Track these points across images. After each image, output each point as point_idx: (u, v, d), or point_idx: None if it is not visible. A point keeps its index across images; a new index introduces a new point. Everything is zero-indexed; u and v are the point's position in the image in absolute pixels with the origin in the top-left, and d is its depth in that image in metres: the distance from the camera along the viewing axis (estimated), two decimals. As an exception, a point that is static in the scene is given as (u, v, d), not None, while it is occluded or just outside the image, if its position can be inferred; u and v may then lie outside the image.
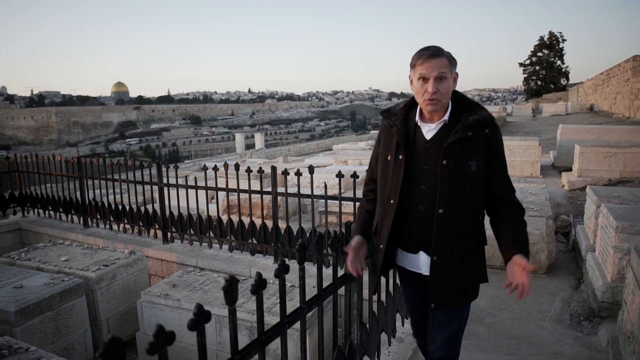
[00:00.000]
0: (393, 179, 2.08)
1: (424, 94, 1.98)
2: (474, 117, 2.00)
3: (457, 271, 2.04)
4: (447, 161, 1.97)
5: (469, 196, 2.01)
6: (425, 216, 2.04)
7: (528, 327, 3.66)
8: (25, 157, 7.64)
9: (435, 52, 1.97)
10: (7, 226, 7.46)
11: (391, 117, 2.15)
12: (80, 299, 4.17)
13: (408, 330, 3.52)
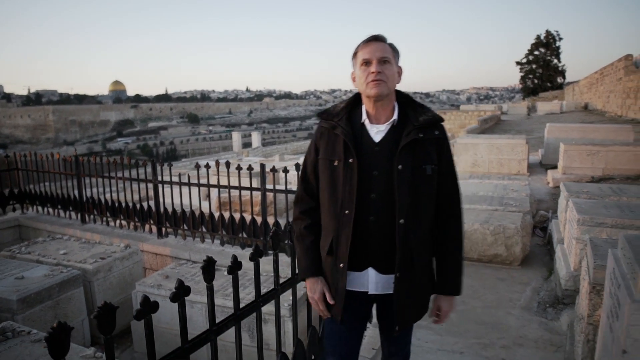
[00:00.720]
0: (345, 186, 1.87)
1: (367, 77, 1.85)
2: (424, 117, 1.91)
3: (418, 286, 1.93)
4: (402, 166, 1.84)
5: (427, 203, 1.91)
6: (376, 228, 1.88)
7: (497, 314, 3.92)
8: (24, 155, 7.88)
9: (376, 37, 1.90)
10: (6, 222, 7.70)
11: (333, 118, 1.97)
12: (78, 290, 4.41)
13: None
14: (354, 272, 1.94)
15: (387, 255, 1.89)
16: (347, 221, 1.88)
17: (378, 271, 1.92)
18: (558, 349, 3.34)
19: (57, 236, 5.94)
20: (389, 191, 1.86)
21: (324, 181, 1.96)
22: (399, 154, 1.85)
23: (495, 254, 5.03)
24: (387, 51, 1.88)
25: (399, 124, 1.91)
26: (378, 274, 1.93)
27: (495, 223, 5.04)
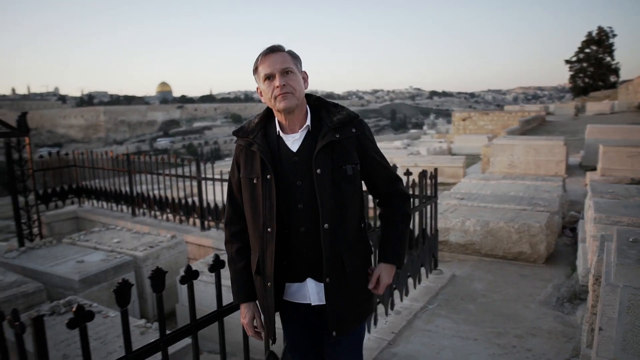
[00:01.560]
0: (265, 203, 1.84)
1: (273, 91, 1.80)
2: (338, 117, 1.86)
3: (352, 289, 1.90)
4: (320, 170, 1.80)
5: (351, 204, 1.88)
6: (309, 237, 1.85)
7: (515, 307, 4.10)
8: (81, 153, 8.58)
9: (273, 48, 1.84)
10: (66, 214, 8.43)
11: (248, 135, 1.91)
12: (130, 274, 4.90)
13: (407, 305, 4.06)
14: (294, 284, 1.94)
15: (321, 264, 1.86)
16: (270, 238, 1.85)
17: (317, 280, 1.90)
18: (570, 340, 3.51)
19: (111, 227, 6.51)
20: (314, 199, 1.82)
21: (246, 199, 1.92)
22: (316, 158, 1.81)
23: (519, 252, 5.18)
24: (287, 61, 1.82)
25: (314, 128, 1.87)
26: (317, 284, 1.90)
27: (520, 221, 5.19)
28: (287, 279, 1.94)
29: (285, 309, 2.02)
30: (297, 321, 2.03)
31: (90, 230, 6.26)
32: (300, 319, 2.02)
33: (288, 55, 1.84)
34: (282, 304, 1.97)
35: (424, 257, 4.49)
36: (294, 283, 1.94)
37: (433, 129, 46.41)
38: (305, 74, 1.91)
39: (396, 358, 3.28)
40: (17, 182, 7.37)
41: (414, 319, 3.84)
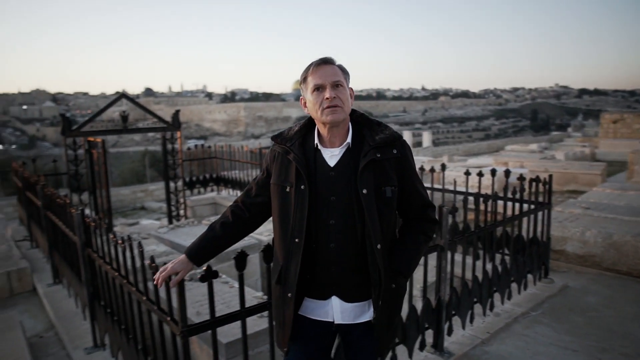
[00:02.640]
0: (296, 213, 1.80)
1: (321, 103, 1.77)
2: (380, 136, 1.82)
3: (395, 310, 1.91)
4: (367, 190, 1.76)
5: (390, 224, 1.85)
6: (338, 255, 1.81)
7: (630, 326, 3.88)
8: (221, 147, 9.66)
9: (326, 60, 1.81)
10: (205, 200, 9.56)
11: (286, 143, 1.88)
12: (255, 255, 5.53)
13: (508, 308, 4.08)
14: (316, 301, 1.89)
15: (352, 283, 1.85)
16: (297, 249, 1.81)
17: (343, 300, 1.86)
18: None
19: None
20: (350, 216, 1.79)
21: (275, 207, 1.90)
22: (361, 177, 1.77)
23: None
24: (338, 74, 1.80)
25: (355, 146, 1.84)
26: (343, 303, 1.86)
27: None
28: (308, 294, 1.89)
29: (301, 325, 1.92)
30: (312, 338, 1.94)
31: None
32: (315, 336, 1.93)
33: (339, 69, 1.82)
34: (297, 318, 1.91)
35: (531, 264, 4.44)
36: (316, 300, 1.89)
37: (579, 131, 42.45)
38: (352, 90, 1.87)
39: (487, 356, 3.39)
40: (169, 170, 8.58)
41: (513, 322, 3.87)
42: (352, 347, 1.95)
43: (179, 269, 1.99)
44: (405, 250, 1.89)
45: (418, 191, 1.92)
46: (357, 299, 1.86)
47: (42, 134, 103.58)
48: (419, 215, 1.95)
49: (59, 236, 4.66)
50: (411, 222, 1.96)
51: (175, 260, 2.01)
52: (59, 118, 8.13)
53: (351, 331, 1.91)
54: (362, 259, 1.82)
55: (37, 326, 4.57)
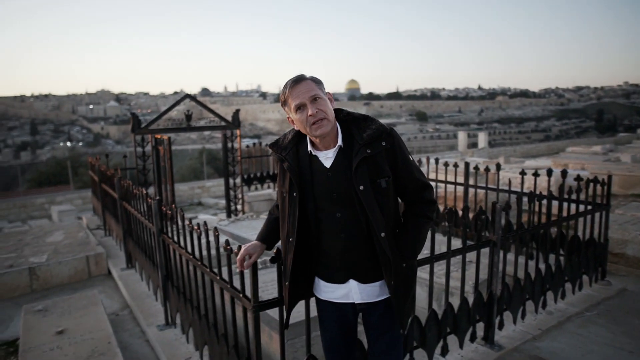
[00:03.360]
0: (290, 216, 2.03)
1: (307, 120, 1.92)
2: (368, 132, 1.95)
3: (406, 287, 2.07)
4: (363, 186, 1.92)
5: (390, 212, 2.02)
6: (350, 244, 2.01)
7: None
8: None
9: (298, 78, 1.96)
10: (263, 196, 9.93)
11: (281, 152, 2.06)
12: (310, 249, 5.78)
13: (561, 307, 4.11)
14: (336, 285, 2.10)
15: (367, 267, 2.04)
16: (291, 247, 2.04)
17: (360, 282, 2.06)
18: None
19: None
20: (353, 209, 1.97)
21: (280, 207, 2.15)
22: (355, 175, 1.92)
23: None
24: (313, 88, 1.93)
25: (346, 145, 1.98)
26: (360, 285, 2.06)
27: None
28: (324, 279, 2.12)
29: (325, 308, 2.17)
30: (337, 319, 2.15)
31: (281, 210, 7.43)
32: (339, 317, 2.15)
33: (312, 83, 1.95)
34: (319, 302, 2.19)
35: (587, 265, 4.42)
36: (334, 284, 2.10)
37: (652, 132, 40.06)
38: (330, 95, 2.01)
39: (538, 351, 3.45)
40: (228, 167, 8.99)
41: (566, 321, 3.90)
42: (373, 327, 2.16)
43: (252, 252, 2.22)
44: (407, 234, 2.06)
45: (412, 175, 2.05)
46: (372, 280, 2.07)
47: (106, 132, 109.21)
48: (416, 198, 2.09)
49: (133, 224, 5.08)
50: (410, 205, 2.12)
51: (247, 244, 2.25)
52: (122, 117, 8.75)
53: (372, 311, 2.12)
54: (372, 245, 2.01)
55: (114, 305, 5.01)
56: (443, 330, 3.19)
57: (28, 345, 3.62)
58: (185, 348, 3.63)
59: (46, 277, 5.64)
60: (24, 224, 15.50)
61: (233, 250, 2.52)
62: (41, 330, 3.87)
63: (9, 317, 4.92)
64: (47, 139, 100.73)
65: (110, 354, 3.45)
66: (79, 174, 25.63)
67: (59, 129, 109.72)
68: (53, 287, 5.67)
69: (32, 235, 7.17)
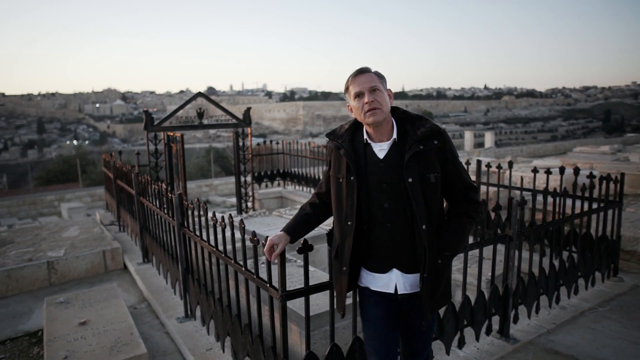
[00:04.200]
0: (348, 200, 2.11)
1: (362, 107, 2.05)
2: (422, 130, 2.06)
3: (441, 279, 2.13)
4: (412, 178, 2.01)
5: (436, 207, 2.08)
6: (395, 234, 2.08)
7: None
8: (289, 143, 10.06)
9: (362, 70, 2.10)
10: (273, 194, 9.99)
11: (337, 139, 2.18)
12: (323, 244, 5.84)
13: (574, 303, 4.16)
14: (377, 274, 2.17)
15: (409, 257, 2.10)
16: (349, 231, 2.11)
17: (402, 271, 2.13)
18: None
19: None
20: (400, 200, 2.05)
21: (333, 195, 2.21)
22: (406, 168, 2.02)
23: None
24: (374, 80, 2.06)
25: (400, 140, 2.09)
26: (403, 274, 2.13)
27: None
28: (368, 267, 2.18)
29: (367, 298, 2.23)
30: (378, 307, 2.20)
31: (293, 207, 7.49)
32: (381, 305, 2.19)
33: (375, 76, 2.09)
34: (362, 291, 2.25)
35: (599, 262, 4.47)
36: (377, 273, 2.16)
37: (657, 133, 39.86)
38: (390, 92, 2.13)
39: (553, 344, 3.51)
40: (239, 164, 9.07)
41: (579, 316, 3.96)
42: (410, 316, 2.22)
43: (278, 242, 2.29)
44: (449, 231, 2.12)
45: (459, 175, 2.14)
46: (414, 271, 2.13)
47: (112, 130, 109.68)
48: (461, 197, 2.16)
49: (151, 219, 5.17)
50: (455, 204, 2.17)
51: (273, 235, 2.31)
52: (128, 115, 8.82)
53: (411, 301, 2.18)
54: (414, 237, 2.08)
55: (131, 299, 5.10)
56: (460, 323, 3.25)
57: (53, 336, 3.71)
58: (205, 339, 3.71)
59: (64, 271, 5.74)
60: (34, 220, 15.68)
61: (260, 242, 2.59)
62: (64, 321, 3.96)
63: (30, 309, 5.03)
64: (54, 137, 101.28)
65: (133, 344, 3.53)
66: (87, 172, 25.86)
67: (65, 127, 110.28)
68: (70, 280, 5.77)
69: (48, 230, 7.28)
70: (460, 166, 2.14)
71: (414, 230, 2.07)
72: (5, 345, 4.28)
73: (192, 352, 3.52)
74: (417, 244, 2.06)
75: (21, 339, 4.39)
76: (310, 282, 2.55)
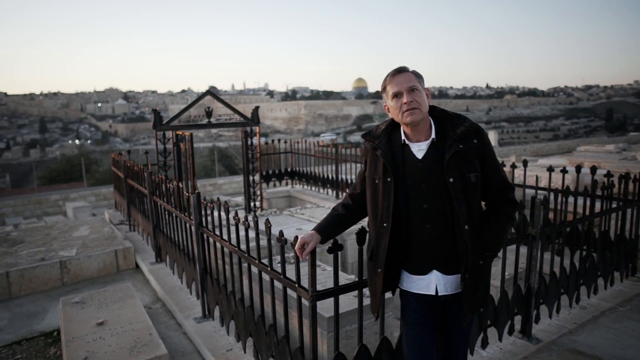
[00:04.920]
0: (384, 201, 2.08)
1: (401, 107, 2.02)
2: (461, 128, 2.03)
3: (482, 279, 2.10)
4: (453, 178, 1.98)
5: (476, 207, 2.06)
6: (435, 234, 2.05)
7: None
8: (297, 142, 10.04)
9: (400, 69, 2.06)
10: (280, 193, 9.97)
11: (374, 140, 2.14)
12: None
13: (594, 302, 4.13)
14: (417, 276, 2.13)
15: (449, 258, 2.07)
16: (385, 232, 2.07)
17: (442, 273, 2.10)
18: None
19: (321, 204, 7.63)
20: (440, 201, 2.02)
21: (368, 196, 2.18)
22: (447, 167, 1.99)
23: None
24: (412, 80, 2.03)
25: (439, 139, 2.06)
26: (444, 276, 2.10)
27: None
28: (408, 270, 2.15)
29: (407, 302, 2.19)
30: (417, 310, 2.16)
31: (304, 206, 7.47)
32: (420, 308, 2.16)
33: (413, 75, 2.05)
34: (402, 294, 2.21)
35: (618, 260, 4.44)
36: (417, 275, 2.13)
37: (660, 132, 39.74)
38: (428, 91, 2.10)
39: (576, 344, 3.48)
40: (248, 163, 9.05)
41: (600, 316, 3.92)
42: (450, 317, 2.19)
43: (309, 240, 2.24)
44: (490, 231, 2.09)
45: (498, 174, 2.11)
46: (454, 272, 2.10)
47: (114, 130, 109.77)
48: (500, 197, 2.12)
49: (165, 219, 5.14)
50: (494, 204, 2.14)
51: (304, 234, 2.28)
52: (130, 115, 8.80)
53: (452, 302, 2.14)
54: (455, 238, 2.05)
55: (145, 299, 5.08)
56: (484, 323, 3.23)
57: (71, 336, 3.70)
58: (225, 340, 3.68)
59: (76, 271, 5.72)
60: (39, 220, 15.67)
61: (288, 241, 2.57)
62: (81, 322, 3.94)
63: (43, 309, 5.01)
64: (56, 137, 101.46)
65: (152, 344, 3.51)
66: (91, 171, 25.87)
67: (67, 126, 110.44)
68: (83, 280, 5.76)
69: (57, 229, 7.26)
70: (498, 166, 2.12)
71: (454, 231, 2.04)
72: (22, 346, 4.27)
73: (213, 353, 3.49)
74: (459, 244, 2.04)
75: (37, 339, 4.38)
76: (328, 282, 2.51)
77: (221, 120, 9.19)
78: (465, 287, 2.06)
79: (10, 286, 5.33)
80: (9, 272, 5.32)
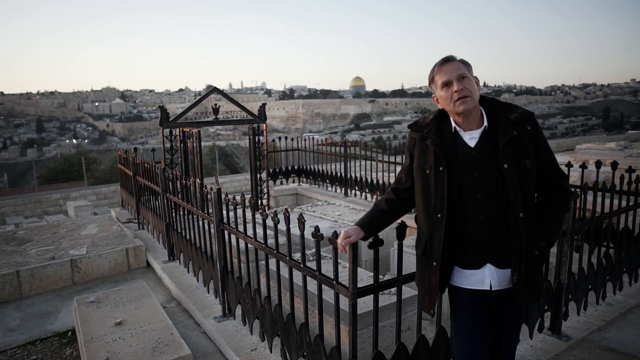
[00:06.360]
0: (437, 192, 2.00)
1: (452, 96, 1.97)
2: (514, 115, 1.98)
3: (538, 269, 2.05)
4: (507, 165, 1.92)
5: (531, 194, 2.00)
6: (489, 226, 1.98)
7: None
8: (304, 139, 9.96)
9: (448, 58, 2.02)
10: (288, 190, 9.90)
11: (423, 130, 2.09)
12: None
13: (620, 299, 4.07)
14: (470, 270, 2.04)
15: (503, 250, 1.99)
16: (440, 224, 1.99)
17: (497, 267, 2.01)
18: None
19: (332, 202, 7.56)
20: (494, 190, 1.95)
21: (418, 187, 2.10)
22: (502, 153, 1.93)
23: None
24: (461, 68, 1.98)
25: (491, 127, 2.01)
26: (497, 270, 2.01)
27: None
28: (460, 264, 2.05)
29: (458, 299, 2.11)
30: (469, 306, 2.08)
31: (314, 204, 7.41)
32: (472, 304, 2.08)
33: (461, 63, 2.01)
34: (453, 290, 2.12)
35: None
36: (471, 270, 2.04)
37: (657, 130, 39.77)
38: (477, 79, 2.05)
39: (606, 342, 3.42)
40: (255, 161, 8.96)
41: (627, 312, 3.87)
42: (501, 312, 2.11)
43: (352, 234, 2.20)
44: (546, 220, 2.03)
45: (552, 163, 2.05)
46: (507, 265, 2.01)
47: (111, 129, 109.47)
48: (555, 186, 2.06)
49: (180, 216, 5.06)
50: (548, 193, 2.07)
51: (348, 228, 2.24)
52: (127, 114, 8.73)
53: (505, 297, 2.05)
54: (509, 229, 1.97)
55: (159, 298, 4.98)
56: (516, 320, 3.16)
57: (90, 336, 3.61)
58: (248, 339, 3.60)
59: (87, 270, 5.63)
60: (40, 219, 15.53)
61: (323, 237, 2.49)
62: (99, 322, 3.85)
63: (56, 308, 4.92)
64: (53, 136, 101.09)
65: (175, 344, 3.43)
66: (91, 170, 25.69)
67: (64, 126, 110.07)
68: (94, 279, 5.67)
69: (65, 228, 7.16)
70: (552, 154, 2.06)
71: (509, 221, 1.96)
72: (36, 346, 4.18)
73: (237, 353, 3.41)
74: (513, 234, 1.96)
75: (51, 339, 4.29)
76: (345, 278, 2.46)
77: (228, 118, 9.12)
78: (519, 277, 1.97)
79: (20, 285, 5.24)
80: (20, 271, 5.23)
